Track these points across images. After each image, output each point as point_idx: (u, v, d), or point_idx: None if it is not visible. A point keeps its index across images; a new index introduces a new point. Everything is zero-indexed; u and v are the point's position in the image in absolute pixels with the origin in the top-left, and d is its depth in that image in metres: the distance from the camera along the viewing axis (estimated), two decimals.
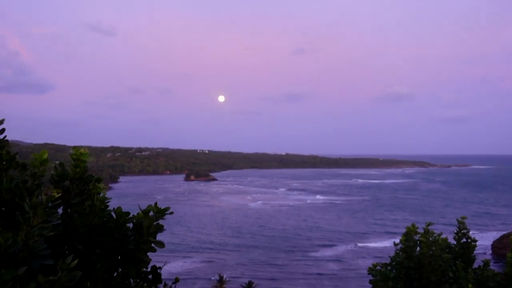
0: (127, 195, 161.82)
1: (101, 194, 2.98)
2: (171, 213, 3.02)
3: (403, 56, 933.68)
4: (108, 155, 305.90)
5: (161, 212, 2.99)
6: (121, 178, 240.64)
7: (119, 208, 3.01)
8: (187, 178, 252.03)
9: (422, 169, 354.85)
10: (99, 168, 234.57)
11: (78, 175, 2.83)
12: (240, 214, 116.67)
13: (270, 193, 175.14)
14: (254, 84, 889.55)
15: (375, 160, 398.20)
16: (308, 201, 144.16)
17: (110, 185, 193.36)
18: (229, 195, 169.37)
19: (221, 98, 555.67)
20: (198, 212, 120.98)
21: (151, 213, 2.98)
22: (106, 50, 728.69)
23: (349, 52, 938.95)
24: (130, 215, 3.01)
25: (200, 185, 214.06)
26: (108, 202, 3.03)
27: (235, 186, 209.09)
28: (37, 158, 2.61)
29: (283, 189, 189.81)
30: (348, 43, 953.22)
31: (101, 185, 2.99)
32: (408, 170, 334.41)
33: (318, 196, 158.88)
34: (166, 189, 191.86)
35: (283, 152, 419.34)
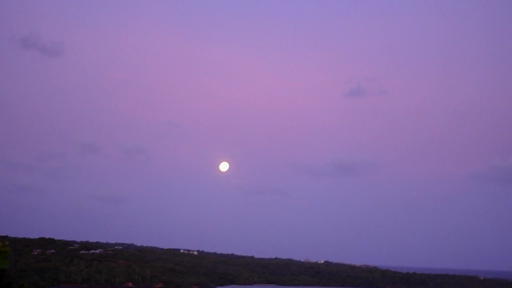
0: None
1: None
2: None
3: None
4: (36, 252, 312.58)
5: None
6: None
7: None
8: None
9: None
10: (18, 273, 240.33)
11: None
12: None
13: None
14: (281, 147, 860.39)
15: (470, 278, 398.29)
16: None
17: None
18: None
19: (224, 167, 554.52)
20: None
21: None
22: (44, 77, 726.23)
23: (432, 96, 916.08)
24: None
25: None
26: None
27: None
28: None
29: None
30: (431, 82, 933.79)
31: None
32: None
33: None
34: None
35: (321, 259, 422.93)
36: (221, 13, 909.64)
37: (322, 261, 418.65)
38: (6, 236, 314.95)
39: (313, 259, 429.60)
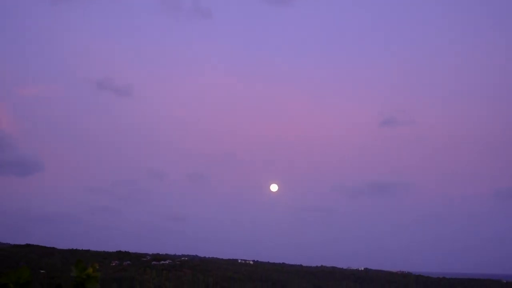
0: None
1: None
2: None
3: None
4: (114, 264, 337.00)
5: None
6: None
7: None
8: None
9: None
10: (100, 282, 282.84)
11: None
12: None
13: None
14: (323, 171, 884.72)
15: (494, 282, 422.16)
16: None
17: None
18: None
19: (274, 188, 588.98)
20: None
21: None
22: (117, 115, 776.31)
23: (457, 125, 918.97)
24: None
25: None
26: None
27: None
28: (14, 279, 2.93)
29: None
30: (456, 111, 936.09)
31: None
32: None
33: None
34: None
35: (361, 266, 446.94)
36: (267, 55, 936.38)
37: (362, 268, 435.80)
38: (89, 250, 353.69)
39: (354, 266, 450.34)
